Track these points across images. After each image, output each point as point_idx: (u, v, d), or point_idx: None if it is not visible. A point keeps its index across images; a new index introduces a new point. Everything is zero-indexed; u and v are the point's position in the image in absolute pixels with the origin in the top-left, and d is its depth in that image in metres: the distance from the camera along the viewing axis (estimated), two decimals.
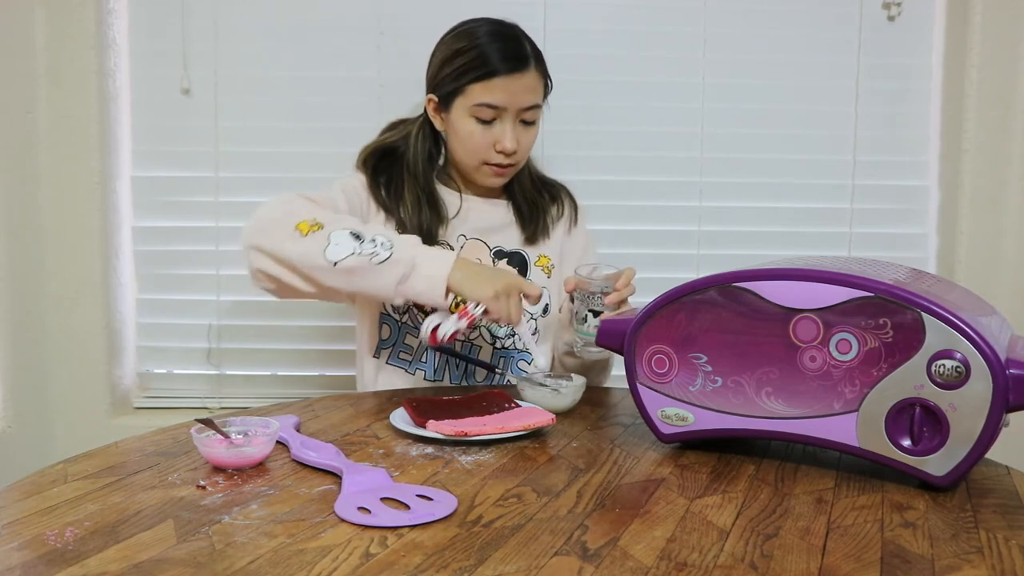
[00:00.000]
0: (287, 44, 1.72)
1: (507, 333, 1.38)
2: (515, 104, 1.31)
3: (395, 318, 1.38)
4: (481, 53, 1.30)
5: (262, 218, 1.24)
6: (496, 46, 1.30)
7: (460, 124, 1.33)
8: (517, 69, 1.30)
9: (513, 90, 1.30)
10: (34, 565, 0.68)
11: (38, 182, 1.67)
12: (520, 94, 1.31)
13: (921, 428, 0.85)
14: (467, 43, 1.31)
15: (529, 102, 1.32)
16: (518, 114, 1.32)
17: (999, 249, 1.70)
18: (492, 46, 1.30)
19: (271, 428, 0.95)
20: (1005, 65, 1.67)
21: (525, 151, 1.37)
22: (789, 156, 1.76)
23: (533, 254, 1.42)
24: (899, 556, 0.71)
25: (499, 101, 1.30)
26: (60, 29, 1.64)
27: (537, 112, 1.35)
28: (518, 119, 1.33)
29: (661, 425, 0.99)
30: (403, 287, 1.18)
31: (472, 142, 1.33)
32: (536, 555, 0.71)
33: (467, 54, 1.30)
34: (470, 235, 1.39)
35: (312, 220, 1.21)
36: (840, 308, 0.87)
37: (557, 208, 1.47)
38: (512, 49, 1.31)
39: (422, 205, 1.36)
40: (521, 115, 1.33)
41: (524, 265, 1.41)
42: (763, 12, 1.73)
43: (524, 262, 1.41)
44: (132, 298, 1.77)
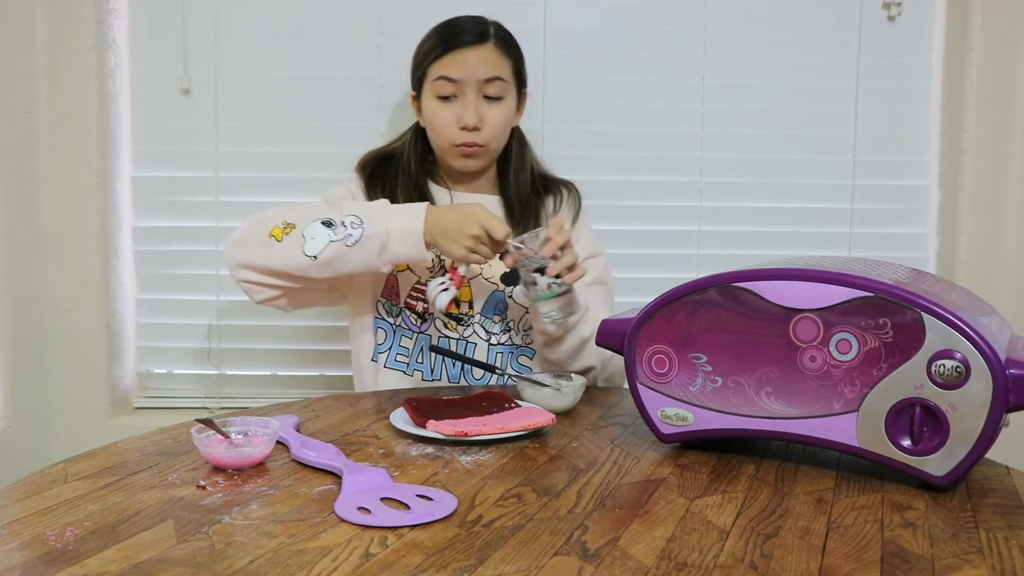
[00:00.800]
0: (287, 44, 1.72)
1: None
2: (472, 76, 1.33)
3: (389, 321, 1.38)
4: (440, 36, 1.36)
5: (237, 238, 1.28)
6: (453, 27, 1.36)
7: (427, 107, 1.36)
8: (472, 42, 1.33)
9: (469, 62, 1.33)
10: (34, 565, 0.68)
11: (38, 182, 1.67)
12: (476, 66, 1.33)
13: (921, 428, 0.85)
14: (431, 33, 1.38)
15: (487, 74, 1.33)
16: (479, 88, 1.33)
17: (999, 249, 1.70)
18: (450, 28, 1.36)
19: (271, 428, 0.95)
20: (1005, 65, 1.67)
21: (493, 130, 1.36)
22: (789, 156, 1.76)
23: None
24: (899, 556, 0.71)
25: (454, 73, 1.32)
26: (60, 29, 1.64)
27: (502, 87, 1.35)
28: (480, 94, 1.34)
29: (661, 425, 0.99)
30: (386, 256, 1.22)
31: (437, 122, 1.35)
32: (536, 555, 0.71)
33: (429, 41, 1.37)
34: None
35: (283, 223, 1.24)
36: (840, 308, 0.87)
37: (554, 205, 1.46)
38: (468, 25, 1.35)
39: (413, 201, 1.36)
40: (483, 89, 1.34)
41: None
42: (763, 12, 1.73)
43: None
44: (132, 298, 1.77)
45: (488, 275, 1.38)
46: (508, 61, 1.37)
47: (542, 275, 1.19)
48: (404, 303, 1.37)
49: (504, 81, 1.35)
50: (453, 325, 1.36)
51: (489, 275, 1.38)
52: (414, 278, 1.37)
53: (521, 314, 1.39)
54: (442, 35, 1.36)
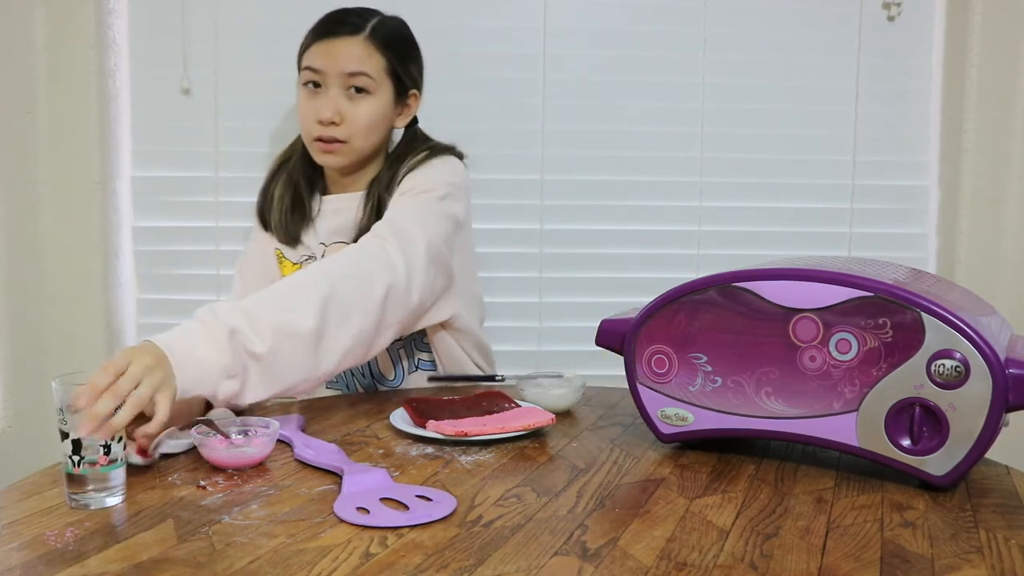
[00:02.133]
0: (287, 44, 1.71)
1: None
2: (334, 67, 1.27)
3: None
4: (317, 23, 1.32)
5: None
6: (331, 16, 1.31)
7: (298, 100, 1.32)
8: (335, 33, 1.28)
9: (332, 53, 1.27)
10: (34, 565, 0.68)
11: (38, 182, 1.67)
12: (340, 58, 1.27)
13: (921, 428, 0.85)
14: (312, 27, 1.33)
15: (351, 67, 1.27)
16: (344, 80, 1.27)
17: (999, 249, 1.70)
18: (328, 16, 1.31)
19: (271, 428, 0.95)
20: (1005, 65, 1.67)
21: (355, 126, 1.28)
22: (789, 156, 1.76)
23: None
24: (899, 556, 0.72)
25: (317, 63, 1.28)
26: (60, 29, 1.64)
27: (367, 81, 1.27)
28: (345, 87, 1.27)
29: (661, 425, 0.99)
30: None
31: (300, 114, 1.31)
32: (536, 555, 0.71)
33: (308, 34, 1.32)
34: (328, 240, 1.34)
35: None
36: (840, 308, 0.87)
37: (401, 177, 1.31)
38: (346, 16, 1.30)
39: (283, 203, 1.36)
40: (348, 81, 1.27)
41: None
42: (763, 12, 1.73)
43: None
44: (132, 298, 1.77)
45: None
46: (380, 58, 1.29)
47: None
48: None
49: (370, 77, 1.27)
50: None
51: None
52: None
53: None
54: (318, 23, 1.31)
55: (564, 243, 1.75)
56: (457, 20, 1.72)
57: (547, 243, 1.75)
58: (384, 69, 1.30)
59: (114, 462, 0.81)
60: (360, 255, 1.14)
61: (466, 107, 1.72)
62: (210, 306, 1.00)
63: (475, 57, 1.72)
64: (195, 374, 0.92)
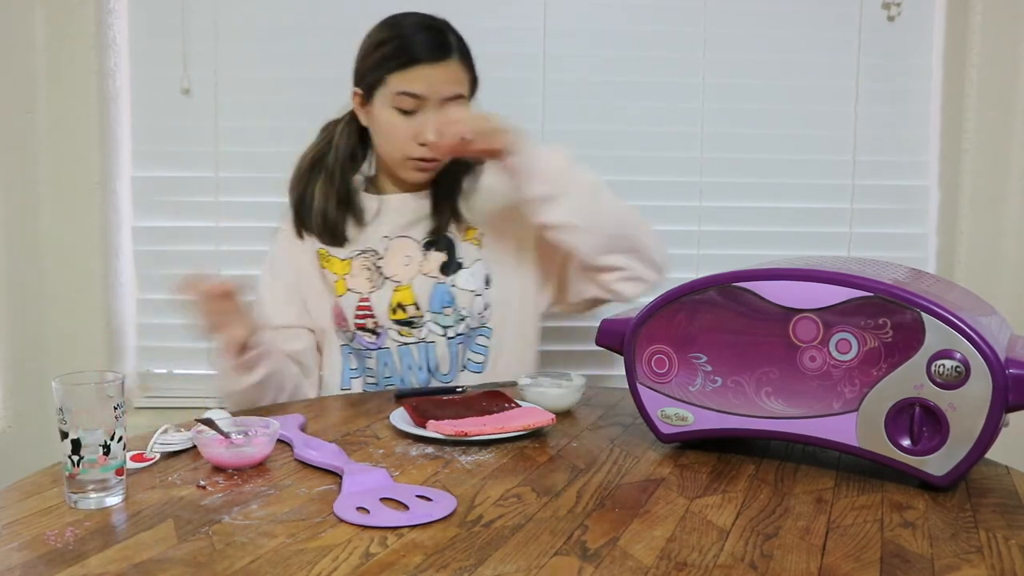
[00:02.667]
0: (287, 44, 1.72)
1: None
2: (436, 93, 1.28)
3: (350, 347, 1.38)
4: (402, 42, 1.29)
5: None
6: (418, 36, 1.29)
7: (382, 116, 1.32)
8: (438, 58, 1.28)
9: (434, 78, 1.28)
10: (34, 565, 0.68)
11: (38, 182, 1.67)
12: (441, 83, 1.29)
13: (921, 428, 0.85)
14: (389, 33, 1.31)
15: (451, 92, 1.29)
16: (440, 105, 1.29)
17: (999, 249, 1.70)
18: (414, 36, 1.29)
19: (271, 428, 0.95)
20: (1005, 65, 1.67)
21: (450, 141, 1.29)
22: (789, 156, 1.76)
23: (458, 233, 1.38)
24: (899, 556, 0.72)
25: (419, 89, 1.28)
26: (60, 29, 1.64)
27: (462, 103, 1.31)
28: (441, 110, 1.29)
29: (661, 425, 0.99)
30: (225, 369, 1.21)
31: (394, 135, 1.31)
32: (536, 555, 0.71)
33: (389, 44, 1.30)
34: (394, 235, 1.36)
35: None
36: (840, 308, 0.87)
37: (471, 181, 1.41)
38: (434, 38, 1.29)
39: (328, 205, 1.35)
40: (444, 106, 1.29)
41: (451, 247, 1.36)
42: (763, 12, 1.73)
43: (451, 244, 1.37)
44: (132, 298, 1.77)
45: (427, 270, 1.34)
46: (468, 74, 1.33)
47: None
48: (355, 326, 1.34)
49: (464, 97, 1.32)
50: (406, 330, 1.34)
51: (427, 270, 1.34)
52: (356, 297, 1.34)
53: (471, 299, 1.34)
54: (404, 43, 1.29)
55: None
56: (457, 20, 1.71)
57: None
58: (470, 84, 1.34)
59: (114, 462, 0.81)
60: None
61: None
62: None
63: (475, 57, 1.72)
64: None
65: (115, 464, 0.81)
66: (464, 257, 1.37)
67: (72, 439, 0.79)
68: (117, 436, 0.81)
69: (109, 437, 0.80)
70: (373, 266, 1.35)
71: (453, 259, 1.36)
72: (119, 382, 0.81)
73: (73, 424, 0.79)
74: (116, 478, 0.82)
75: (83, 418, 0.79)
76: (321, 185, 1.36)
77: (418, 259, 1.35)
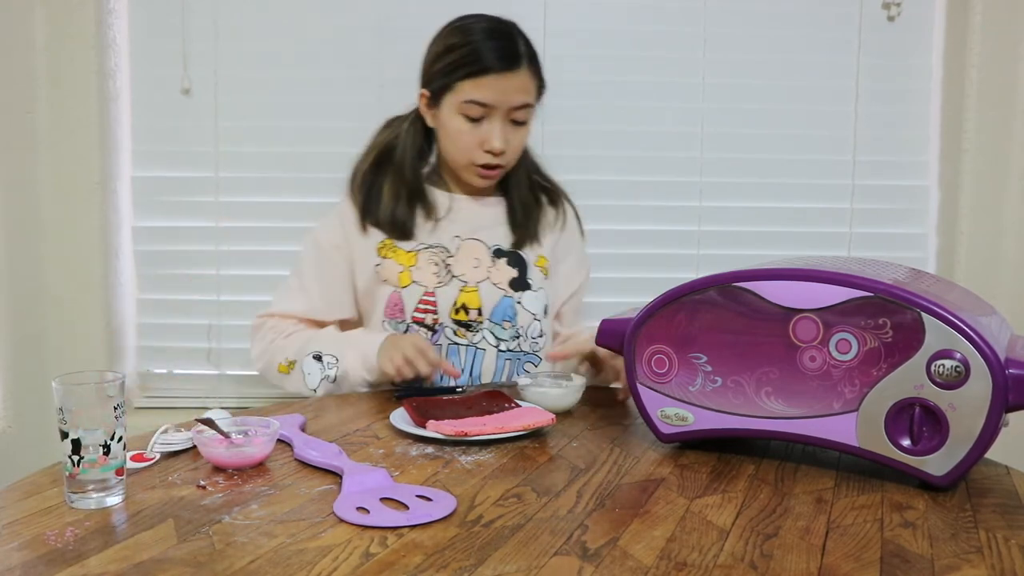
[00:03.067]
0: (287, 44, 1.72)
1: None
2: (505, 103, 1.29)
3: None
4: (473, 50, 1.29)
5: (257, 360, 1.39)
6: (489, 43, 1.29)
7: (449, 121, 1.32)
8: (509, 67, 1.28)
9: (503, 88, 1.29)
10: (34, 565, 0.68)
11: (38, 182, 1.67)
12: (511, 93, 1.29)
13: (921, 428, 0.85)
14: (460, 39, 1.31)
15: (519, 101, 1.30)
16: (508, 113, 1.30)
17: (999, 249, 1.70)
18: (485, 43, 1.29)
19: (271, 428, 0.95)
20: (1005, 65, 1.67)
21: (515, 152, 1.35)
22: (789, 156, 1.76)
23: (531, 255, 1.40)
24: (899, 556, 0.72)
25: (489, 99, 1.28)
26: (60, 29, 1.64)
27: (528, 112, 1.33)
28: (508, 118, 1.31)
29: (661, 425, 0.99)
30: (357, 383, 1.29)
31: (461, 140, 1.32)
32: (536, 555, 0.71)
33: (459, 50, 1.30)
34: (465, 235, 1.37)
35: (285, 360, 1.33)
36: (840, 308, 0.87)
37: (555, 215, 1.46)
38: (505, 47, 1.29)
39: (399, 201, 1.35)
40: (511, 114, 1.31)
41: (523, 265, 1.39)
42: (763, 12, 1.73)
43: (523, 262, 1.39)
44: (132, 298, 1.77)
45: (496, 280, 1.36)
46: (536, 81, 1.33)
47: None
48: (411, 319, 1.34)
49: (532, 106, 1.33)
50: (463, 332, 1.35)
51: (497, 280, 1.36)
52: (420, 290, 1.34)
53: (530, 321, 1.37)
54: (475, 51, 1.28)
55: None
56: None
57: None
58: (536, 90, 1.34)
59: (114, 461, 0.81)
60: None
61: None
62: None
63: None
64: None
65: (115, 464, 0.81)
66: (533, 280, 1.39)
67: (72, 439, 0.79)
68: (117, 436, 0.81)
69: (109, 437, 0.80)
70: (442, 262, 1.35)
71: (524, 277, 1.37)
72: (119, 382, 0.81)
73: (73, 424, 0.79)
74: (116, 478, 0.82)
75: (83, 418, 0.79)
76: (390, 181, 1.37)
77: (487, 264, 1.37)
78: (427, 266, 1.35)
